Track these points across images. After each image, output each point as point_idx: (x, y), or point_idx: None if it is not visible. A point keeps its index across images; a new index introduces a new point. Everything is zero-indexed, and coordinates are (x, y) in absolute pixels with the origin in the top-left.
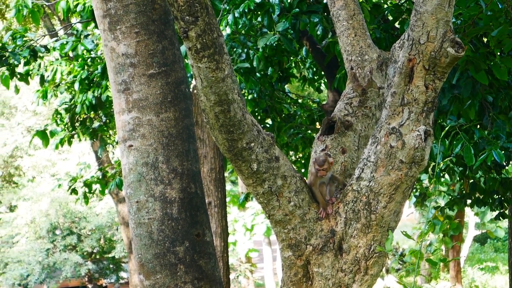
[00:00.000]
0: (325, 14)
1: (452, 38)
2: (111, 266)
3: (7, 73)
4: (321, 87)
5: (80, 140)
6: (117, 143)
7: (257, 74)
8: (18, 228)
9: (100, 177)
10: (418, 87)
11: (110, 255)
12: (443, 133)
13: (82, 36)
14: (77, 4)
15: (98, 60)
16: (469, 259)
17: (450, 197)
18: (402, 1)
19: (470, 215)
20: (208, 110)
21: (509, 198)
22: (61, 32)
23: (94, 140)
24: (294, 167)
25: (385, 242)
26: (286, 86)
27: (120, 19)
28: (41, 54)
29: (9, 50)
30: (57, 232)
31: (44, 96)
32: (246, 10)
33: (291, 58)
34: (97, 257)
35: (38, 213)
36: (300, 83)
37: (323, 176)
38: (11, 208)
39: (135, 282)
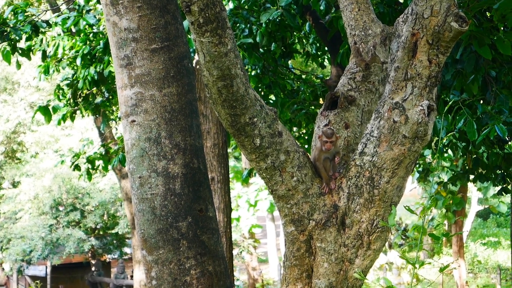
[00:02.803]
0: None
1: (456, 13)
2: (114, 241)
3: (8, 48)
4: (325, 63)
5: (82, 116)
6: (119, 118)
7: (260, 49)
8: (21, 204)
9: (103, 153)
10: (421, 62)
11: (113, 231)
12: (446, 108)
13: (84, 11)
14: None
15: (100, 35)
16: (471, 234)
17: (453, 172)
18: None
19: (473, 190)
20: (211, 85)
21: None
22: (63, 7)
23: (97, 115)
24: (297, 143)
25: (388, 217)
26: (289, 62)
27: None
28: (42, 29)
29: (11, 25)
30: (60, 208)
31: (46, 72)
32: None
33: (294, 33)
34: (101, 233)
35: (41, 189)
36: (303, 59)
37: (329, 149)
38: (14, 184)
39: (138, 257)
